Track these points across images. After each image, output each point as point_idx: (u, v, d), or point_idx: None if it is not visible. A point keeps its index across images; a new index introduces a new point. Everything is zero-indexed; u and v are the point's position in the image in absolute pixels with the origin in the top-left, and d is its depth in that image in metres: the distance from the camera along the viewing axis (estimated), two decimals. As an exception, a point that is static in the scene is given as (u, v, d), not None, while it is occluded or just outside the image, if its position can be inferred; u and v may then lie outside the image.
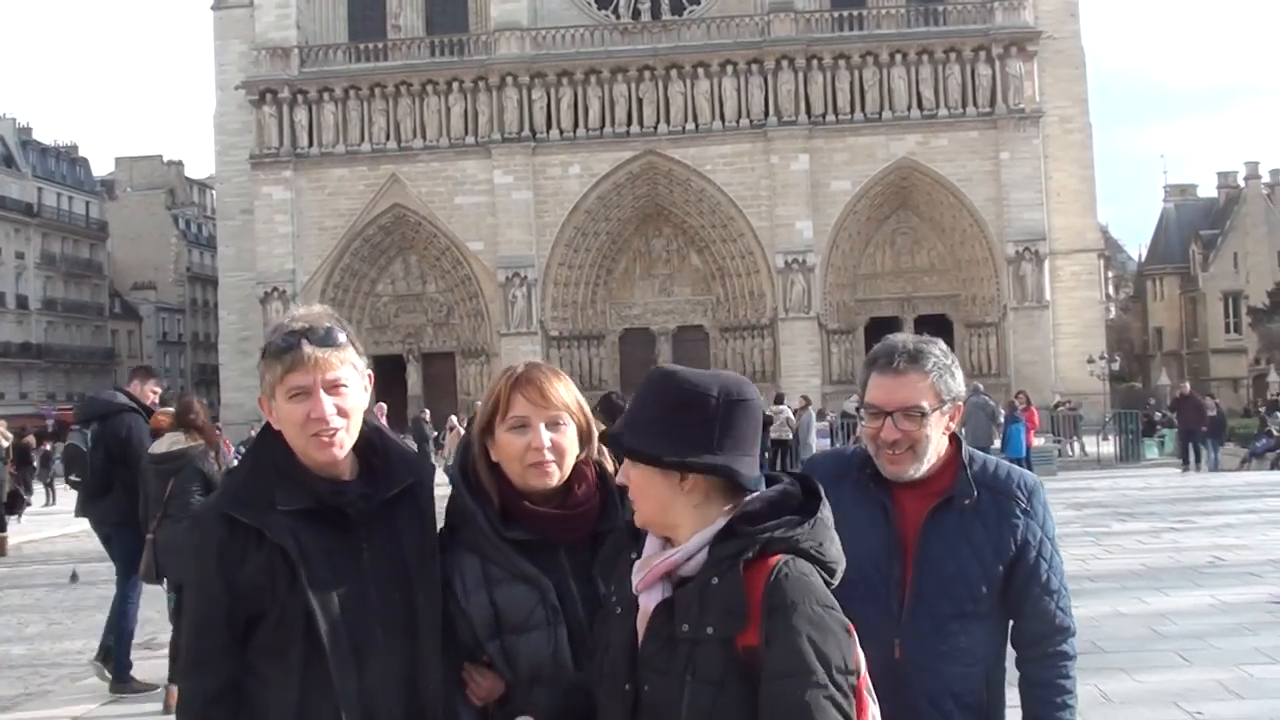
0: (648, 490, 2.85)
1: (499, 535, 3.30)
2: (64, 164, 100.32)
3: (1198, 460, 32.46)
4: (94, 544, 17.53)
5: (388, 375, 65.54)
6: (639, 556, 2.88)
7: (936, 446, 3.60)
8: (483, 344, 64.75)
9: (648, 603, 2.81)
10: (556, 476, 3.33)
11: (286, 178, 64.07)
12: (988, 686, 3.63)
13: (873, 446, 3.62)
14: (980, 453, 3.79)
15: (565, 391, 3.39)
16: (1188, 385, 39.46)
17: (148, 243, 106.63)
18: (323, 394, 3.14)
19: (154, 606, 16.04)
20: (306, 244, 63.96)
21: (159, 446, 10.09)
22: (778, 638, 2.64)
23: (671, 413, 2.84)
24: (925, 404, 3.53)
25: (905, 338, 3.70)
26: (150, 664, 11.86)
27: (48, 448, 48.11)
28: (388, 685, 3.20)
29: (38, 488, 38.36)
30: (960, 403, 3.66)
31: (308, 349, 3.14)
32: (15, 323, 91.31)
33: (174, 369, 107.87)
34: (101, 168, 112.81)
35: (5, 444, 22.42)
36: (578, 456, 3.38)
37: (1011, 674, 3.73)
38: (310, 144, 64.39)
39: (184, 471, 9.71)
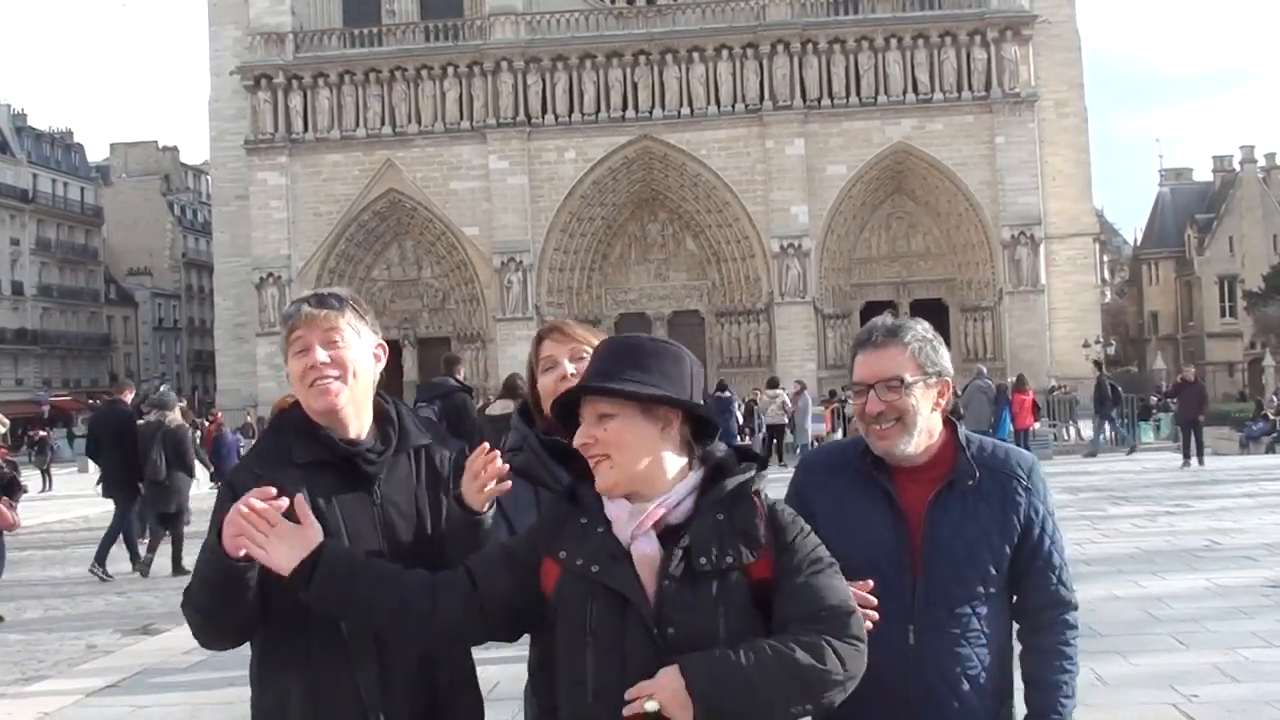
0: (631, 440, 2.98)
1: (541, 445, 3.72)
2: (59, 150, 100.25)
3: (1199, 452, 28.99)
4: (89, 531, 17.64)
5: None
6: (587, 520, 3.00)
7: (928, 423, 3.61)
8: (479, 329, 64.71)
9: (646, 550, 2.94)
10: None
11: (282, 163, 63.96)
12: (1000, 665, 3.65)
13: (863, 425, 3.66)
14: (976, 435, 3.81)
15: (586, 331, 4.03)
16: (1191, 370, 34.83)
17: (143, 229, 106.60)
18: (318, 346, 3.42)
19: (152, 593, 16.08)
20: (302, 230, 63.86)
21: (494, 410, 12.89)
22: (789, 549, 2.98)
23: (655, 360, 3.04)
24: (905, 374, 3.56)
25: (885, 317, 3.77)
26: (138, 648, 11.88)
27: (43, 434, 48.08)
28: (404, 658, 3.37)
29: (35, 473, 38.36)
30: (948, 378, 3.69)
31: (306, 309, 3.46)
32: (11, 309, 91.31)
33: (170, 355, 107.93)
34: (96, 153, 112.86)
35: (2, 430, 22.39)
36: None
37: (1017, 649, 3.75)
38: (305, 129, 64.27)
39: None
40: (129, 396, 19.31)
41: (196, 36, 79.42)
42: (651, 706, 2.80)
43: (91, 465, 42.68)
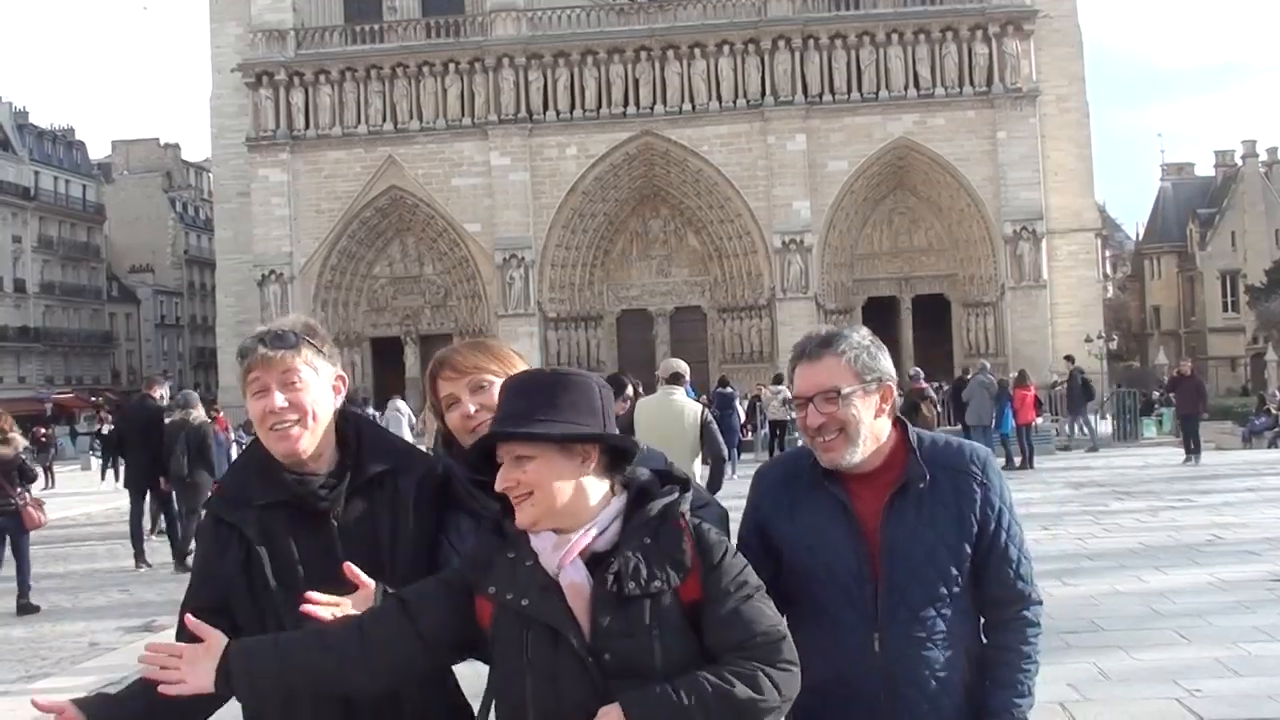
0: (551, 478, 2.99)
1: (472, 480, 3.50)
2: (60, 147, 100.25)
3: (1196, 450, 28.61)
4: (93, 528, 17.66)
5: (386, 357, 65.70)
6: (514, 554, 3.01)
7: (873, 430, 3.59)
8: (481, 325, 64.63)
9: (575, 579, 2.95)
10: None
11: (283, 160, 63.95)
12: (969, 664, 3.64)
13: (807, 438, 3.64)
14: (928, 432, 3.79)
15: (479, 356, 3.83)
16: (1188, 364, 34.33)
17: (145, 226, 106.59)
18: (275, 390, 3.39)
19: (155, 590, 16.09)
20: (303, 226, 63.85)
21: None
22: (716, 571, 2.96)
23: (565, 394, 3.03)
24: (841, 385, 3.55)
25: (820, 328, 3.79)
26: (141, 646, 11.88)
27: (46, 431, 48.10)
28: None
29: (37, 471, 38.27)
30: (890, 383, 3.66)
31: (261, 349, 3.41)
32: (13, 306, 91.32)
33: (172, 352, 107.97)
34: (98, 151, 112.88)
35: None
36: None
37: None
38: (306, 126, 64.25)
39: None
40: (159, 392, 19.59)
41: (198, 33, 79.36)
42: None
43: (94, 462, 42.85)
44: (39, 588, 16.12)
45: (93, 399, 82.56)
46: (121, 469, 38.00)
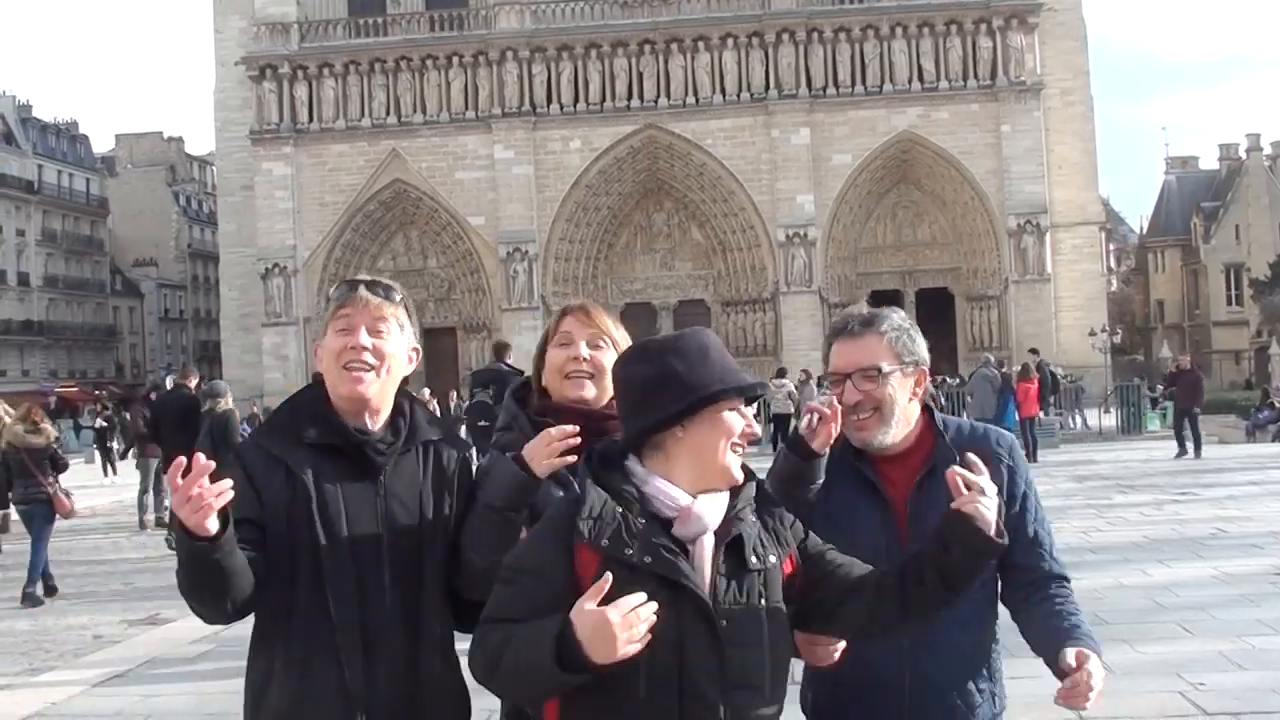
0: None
1: (531, 424, 3.70)
2: (64, 141, 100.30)
3: (1196, 444, 28.27)
4: (96, 521, 17.68)
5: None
6: (625, 509, 2.95)
7: (905, 412, 3.61)
8: (484, 319, 64.69)
9: (705, 543, 2.97)
10: (590, 390, 3.79)
11: (287, 153, 63.97)
12: (989, 646, 3.65)
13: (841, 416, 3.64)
14: (953, 418, 3.82)
15: (609, 321, 3.89)
16: (1187, 359, 33.76)
17: (148, 219, 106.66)
18: (363, 329, 3.42)
19: (158, 582, 16.10)
20: (307, 220, 63.88)
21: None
22: (806, 544, 3.17)
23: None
24: (883, 364, 3.57)
25: (861, 306, 3.79)
26: (145, 638, 11.90)
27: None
28: (390, 626, 3.37)
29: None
30: (925, 367, 3.69)
31: (363, 290, 3.46)
32: (17, 300, 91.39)
33: (175, 346, 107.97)
34: (102, 144, 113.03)
35: (8, 421, 22.45)
36: None
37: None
38: (310, 120, 64.27)
39: None
40: (193, 382, 20.63)
41: (201, 27, 79.61)
42: None
43: (98, 456, 42.87)
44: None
45: (96, 392, 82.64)
46: (116, 462, 38.24)
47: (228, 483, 3.02)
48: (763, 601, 2.97)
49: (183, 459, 3.01)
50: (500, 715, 3.68)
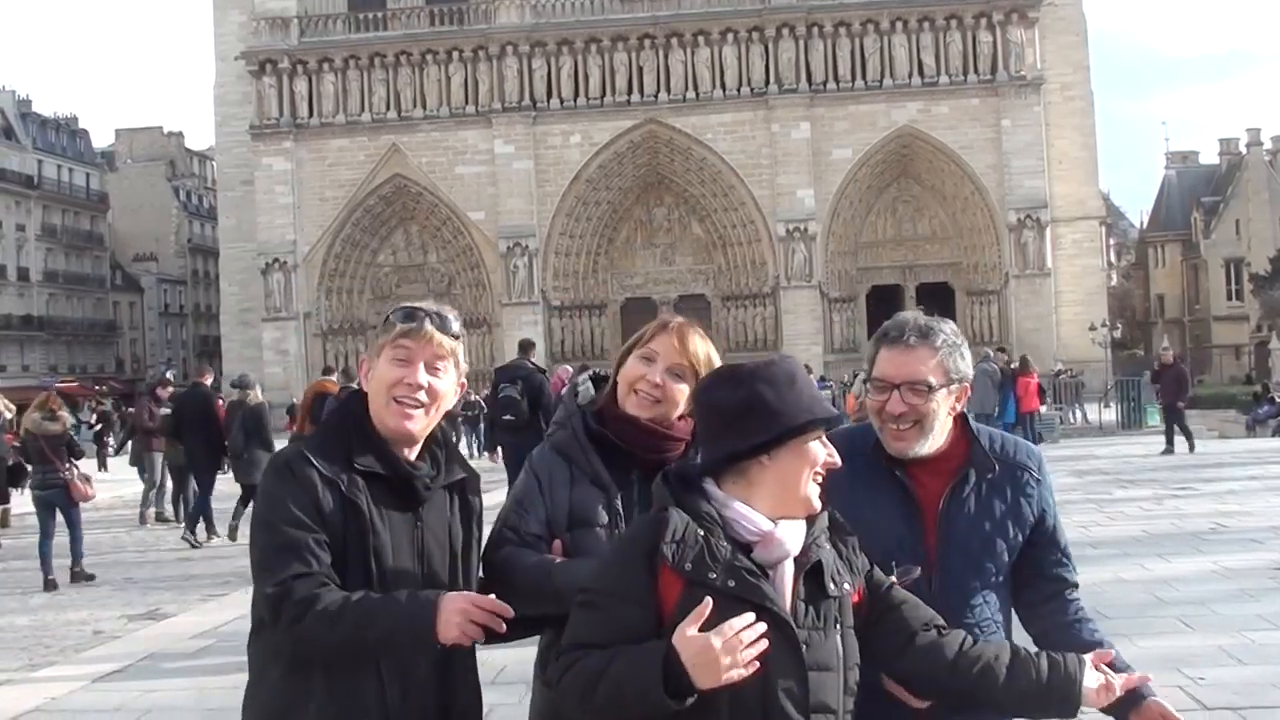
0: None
1: (587, 432, 3.68)
2: (64, 136, 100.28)
3: (1188, 440, 27.85)
4: (97, 515, 17.64)
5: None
6: (707, 533, 2.93)
7: (942, 426, 3.60)
8: (485, 314, 64.71)
9: (785, 569, 2.97)
10: (653, 412, 3.66)
11: (287, 148, 63.99)
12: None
13: (878, 421, 3.61)
14: (984, 426, 3.80)
15: (704, 350, 3.69)
16: (1169, 353, 33.18)
17: (148, 214, 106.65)
18: (422, 366, 3.34)
19: (160, 577, 16.10)
20: (307, 214, 63.90)
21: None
22: (872, 575, 3.19)
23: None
24: (933, 379, 3.53)
25: (917, 315, 3.71)
26: (145, 633, 11.89)
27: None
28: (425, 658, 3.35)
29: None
30: (968, 384, 3.67)
31: (429, 325, 3.37)
32: (17, 295, 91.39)
33: (175, 340, 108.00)
34: (102, 139, 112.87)
35: (9, 415, 22.46)
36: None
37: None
38: (310, 114, 64.30)
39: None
40: (209, 379, 21.35)
41: (201, 21, 79.62)
42: None
43: (95, 450, 42.93)
44: (42, 577, 16.14)
45: (96, 387, 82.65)
46: (108, 458, 38.24)
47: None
48: (838, 627, 3.00)
49: None
50: (529, 710, 3.71)
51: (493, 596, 3.20)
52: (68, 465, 16.05)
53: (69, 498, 15.99)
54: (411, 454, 3.40)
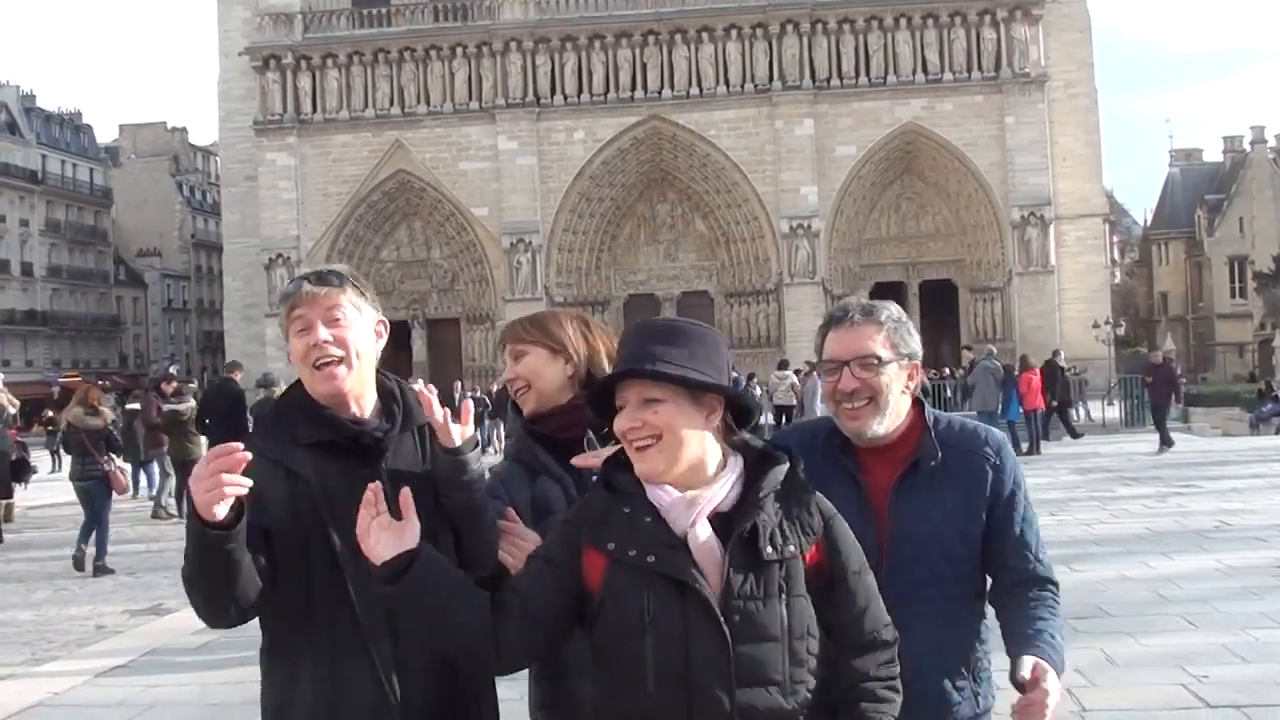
0: (681, 424, 2.90)
1: (528, 434, 3.84)
2: (68, 131, 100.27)
3: (1163, 439, 27.87)
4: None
5: (393, 342, 65.35)
6: (630, 509, 2.90)
7: (897, 405, 3.59)
8: (488, 310, 64.75)
9: (704, 538, 2.88)
10: (534, 403, 3.85)
11: (290, 144, 64.01)
12: (973, 646, 3.62)
13: (833, 405, 3.62)
14: (945, 413, 3.79)
15: (518, 328, 3.96)
16: (1160, 354, 33.47)
17: (152, 210, 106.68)
18: (320, 324, 3.37)
19: (161, 573, 16.11)
20: (311, 210, 63.94)
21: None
22: (840, 543, 3.02)
23: (699, 345, 2.95)
24: (882, 352, 3.55)
25: (857, 297, 3.79)
26: (148, 628, 11.90)
27: (53, 415, 48.04)
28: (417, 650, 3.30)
29: (44, 455, 38.35)
30: (918, 361, 3.67)
31: (307, 286, 3.40)
32: (20, 290, 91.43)
33: (179, 336, 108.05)
34: (105, 134, 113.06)
35: (12, 410, 22.47)
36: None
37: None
38: (314, 110, 64.31)
39: None
40: (239, 376, 21.78)
41: (205, 17, 79.85)
42: None
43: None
44: (45, 571, 16.18)
45: (99, 383, 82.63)
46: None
47: (248, 481, 2.97)
48: (782, 595, 2.87)
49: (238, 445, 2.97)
50: (529, 703, 3.73)
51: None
52: (106, 458, 16.64)
53: (108, 488, 16.51)
54: (365, 412, 3.43)
